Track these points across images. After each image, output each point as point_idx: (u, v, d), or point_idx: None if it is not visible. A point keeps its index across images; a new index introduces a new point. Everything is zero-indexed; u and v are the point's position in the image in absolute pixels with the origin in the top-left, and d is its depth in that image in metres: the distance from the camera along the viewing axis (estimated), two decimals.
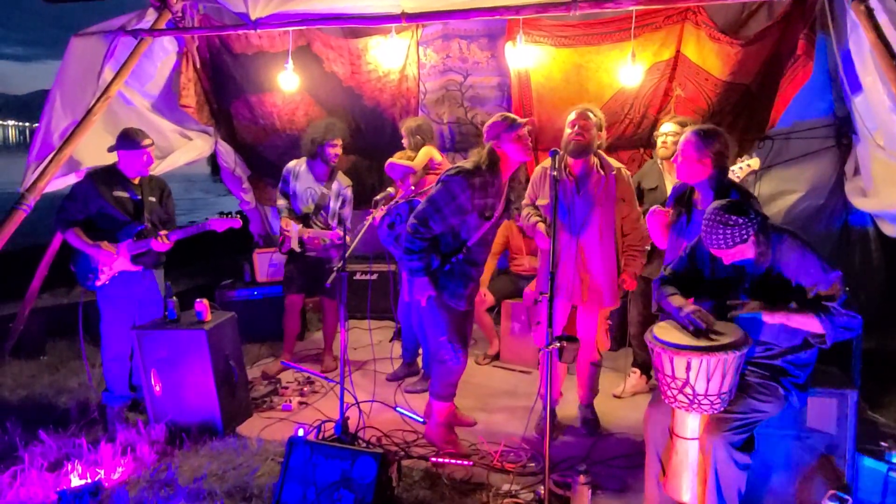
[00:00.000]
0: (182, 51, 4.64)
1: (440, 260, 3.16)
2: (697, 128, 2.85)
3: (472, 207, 3.08)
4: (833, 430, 2.67)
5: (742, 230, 2.33)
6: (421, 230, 3.08)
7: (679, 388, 2.35)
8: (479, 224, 3.13)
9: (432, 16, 3.94)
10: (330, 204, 4.43)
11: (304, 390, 4.17)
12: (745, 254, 2.41)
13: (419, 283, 3.14)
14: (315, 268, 4.41)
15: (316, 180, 4.40)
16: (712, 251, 2.45)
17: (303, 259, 4.40)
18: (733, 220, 2.33)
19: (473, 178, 3.06)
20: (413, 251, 3.11)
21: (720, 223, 2.34)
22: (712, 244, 2.39)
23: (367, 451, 2.76)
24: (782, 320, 2.40)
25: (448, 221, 3.10)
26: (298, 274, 4.46)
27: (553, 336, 2.64)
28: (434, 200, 3.09)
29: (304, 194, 4.40)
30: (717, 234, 2.35)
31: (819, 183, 4.40)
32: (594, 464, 3.24)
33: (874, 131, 3.43)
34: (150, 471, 3.12)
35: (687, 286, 2.61)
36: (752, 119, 4.21)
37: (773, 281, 2.43)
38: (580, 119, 3.29)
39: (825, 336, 2.36)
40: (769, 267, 2.44)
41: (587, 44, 4.23)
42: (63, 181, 4.14)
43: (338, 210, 4.46)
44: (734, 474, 2.40)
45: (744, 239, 2.35)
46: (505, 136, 3.08)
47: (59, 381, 4.28)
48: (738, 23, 4.04)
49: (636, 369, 4.16)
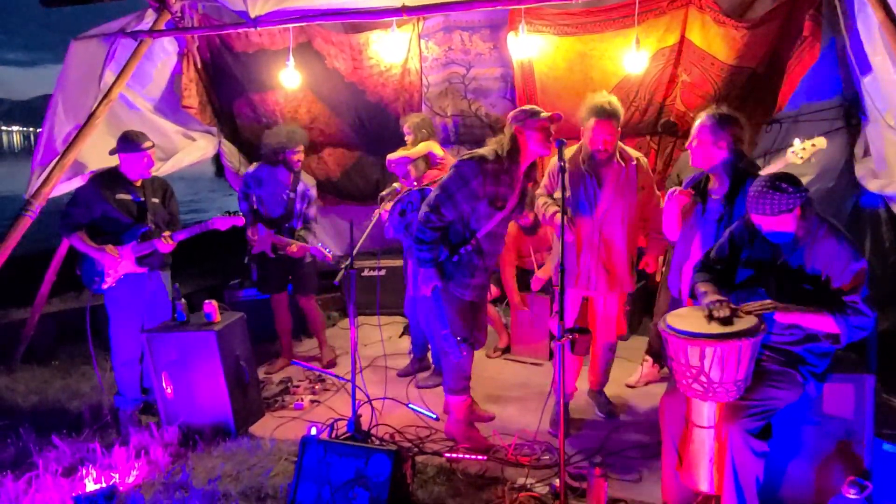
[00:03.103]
0: (182, 51, 4.62)
1: (449, 251, 3.13)
2: (713, 111, 2.85)
3: (483, 194, 3.03)
4: (850, 415, 2.64)
5: (790, 199, 2.33)
6: (433, 218, 3.04)
7: (694, 377, 2.33)
8: (489, 213, 3.09)
9: (433, 8, 3.91)
10: (297, 206, 4.39)
11: (316, 388, 4.17)
12: (787, 225, 2.39)
13: (426, 273, 3.11)
14: (290, 266, 4.39)
15: (282, 186, 4.35)
16: (754, 217, 2.44)
17: (277, 258, 4.36)
18: (783, 186, 2.34)
19: (486, 164, 3.02)
20: (424, 241, 3.07)
21: (770, 188, 2.35)
22: (758, 209, 2.38)
23: (380, 448, 2.75)
24: (796, 319, 2.39)
25: (460, 208, 3.06)
26: (274, 273, 4.43)
27: (565, 328, 2.63)
28: (446, 186, 3.05)
29: (272, 199, 4.35)
30: (766, 199, 2.35)
31: (829, 165, 4.33)
32: (609, 455, 3.23)
33: (885, 111, 3.38)
34: (164, 473, 3.12)
35: (725, 274, 2.59)
36: (760, 103, 4.15)
37: (802, 277, 2.42)
38: (604, 133, 3.22)
39: (839, 336, 2.36)
40: (801, 264, 2.42)
41: (590, 31, 4.18)
42: (68, 185, 4.14)
43: (303, 210, 4.42)
44: (751, 462, 2.38)
45: (790, 208, 2.34)
46: (530, 123, 3.03)
47: (70, 385, 4.29)
48: (743, 5, 3.97)
49: (648, 357, 4.15)
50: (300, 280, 4.47)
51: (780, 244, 2.47)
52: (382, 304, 5.06)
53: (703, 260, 2.69)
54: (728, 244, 2.62)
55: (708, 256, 2.68)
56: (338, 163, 5.48)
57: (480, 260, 3.18)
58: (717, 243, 2.68)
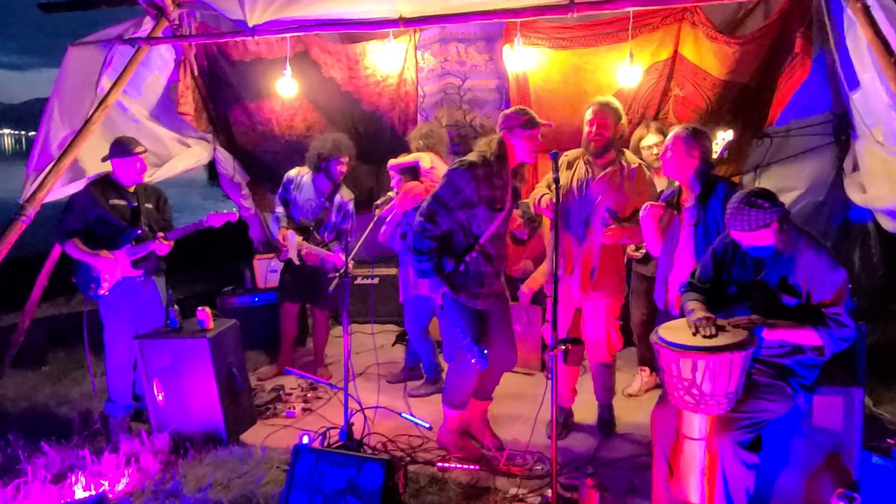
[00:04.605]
0: (179, 59, 4.63)
1: (454, 261, 3.11)
2: (686, 126, 2.99)
3: (479, 199, 3.04)
4: (839, 427, 2.66)
5: (767, 214, 2.37)
6: (428, 227, 3.04)
7: (686, 389, 2.35)
8: (490, 216, 3.08)
9: (429, 20, 3.94)
10: (332, 218, 4.39)
11: (308, 396, 4.16)
12: (767, 239, 2.43)
13: (431, 282, 3.08)
14: (312, 278, 4.38)
15: (318, 194, 4.36)
16: (734, 234, 2.48)
17: (300, 268, 4.37)
18: (759, 202, 2.38)
19: (477, 170, 3.03)
20: (421, 251, 3.05)
21: (746, 204, 2.39)
22: (736, 225, 2.42)
23: (372, 457, 2.75)
24: (782, 336, 2.43)
25: (455, 216, 3.06)
26: (295, 282, 4.42)
27: (557, 339, 2.64)
28: (438, 196, 3.06)
29: (306, 205, 4.36)
30: (743, 215, 2.39)
31: (819, 180, 4.40)
32: (601, 465, 3.24)
33: (873, 128, 3.43)
34: (154, 481, 3.11)
35: (713, 291, 2.63)
36: (751, 117, 4.21)
37: (785, 288, 2.46)
38: (597, 117, 3.29)
39: (823, 348, 2.40)
40: (784, 274, 2.46)
41: (585, 45, 4.23)
42: (65, 190, 4.12)
43: (339, 224, 4.41)
44: (742, 474, 2.40)
45: (767, 223, 2.38)
46: (518, 131, 3.07)
47: (60, 391, 4.27)
48: (735, 22, 4.04)
49: (645, 367, 4.17)
50: (321, 293, 4.33)
51: (762, 258, 2.50)
52: (376, 313, 5.06)
53: (689, 280, 2.74)
54: (711, 262, 2.66)
55: (693, 276, 2.73)
56: None
57: (488, 265, 3.16)
58: (701, 262, 2.72)
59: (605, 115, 3.29)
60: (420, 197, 3.83)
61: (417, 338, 4.21)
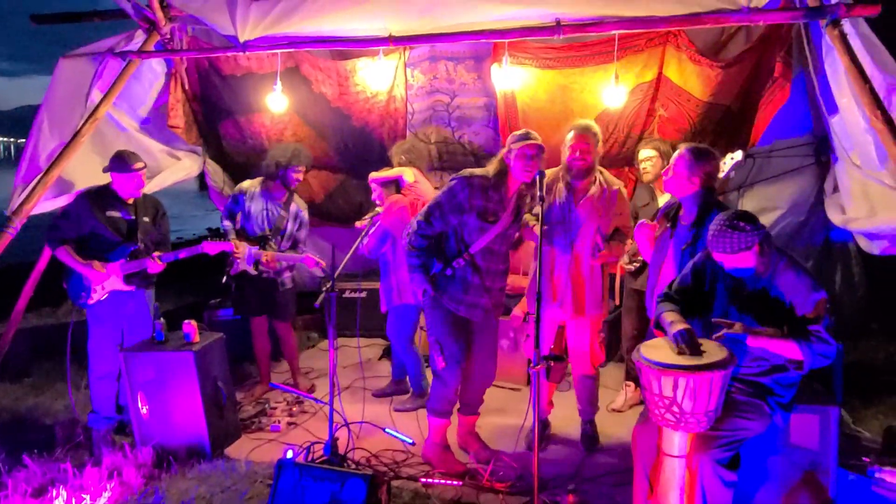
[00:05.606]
0: (170, 72, 4.66)
1: (443, 263, 3.25)
2: (693, 146, 2.96)
3: (469, 207, 3.19)
4: (816, 446, 2.71)
5: (748, 237, 2.41)
6: (423, 226, 3.23)
7: (666, 407, 2.39)
8: (481, 227, 3.21)
9: (419, 38, 3.99)
10: (287, 226, 4.38)
11: (293, 411, 4.15)
12: (747, 262, 2.47)
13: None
14: (268, 289, 4.34)
15: (273, 202, 4.34)
16: (715, 255, 2.52)
17: (256, 280, 4.30)
18: (741, 225, 2.42)
19: (473, 179, 3.21)
20: (413, 247, 3.26)
21: (728, 227, 2.43)
22: (717, 248, 2.46)
23: (356, 472, 2.76)
24: (764, 345, 2.45)
25: (448, 219, 3.23)
26: (252, 295, 4.35)
27: (540, 356, 2.67)
28: (438, 198, 3.28)
29: (259, 216, 4.32)
30: (725, 238, 2.43)
31: (800, 200, 4.47)
32: (584, 481, 3.26)
33: (850, 151, 3.52)
34: (136, 495, 3.10)
35: (689, 303, 2.66)
36: (733, 138, 4.28)
37: (768, 300, 2.50)
38: (581, 143, 3.36)
39: (803, 363, 2.43)
40: (765, 286, 2.50)
41: (571, 65, 4.30)
42: (52, 203, 4.12)
43: (294, 232, 4.40)
44: (721, 492, 2.43)
45: (748, 246, 2.42)
46: (513, 149, 3.18)
47: (43, 403, 4.23)
48: (718, 45, 4.13)
49: (630, 383, 4.20)
50: (278, 305, 4.39)
51: (743, 278, 2.55)
52: (363, 327, 5.06)
53: (665, 290, 2.76)
54: (691, 275, 2.70)
55: (670, 287, 2.76)
56: (322, 185, 5.51)
57: (476, 276, 3.26)
58: (680, 274, 2.76)
59: (587, 139, 3.36)
60: (404, 210, 3.89)
61: (403, 349, 4.22)
